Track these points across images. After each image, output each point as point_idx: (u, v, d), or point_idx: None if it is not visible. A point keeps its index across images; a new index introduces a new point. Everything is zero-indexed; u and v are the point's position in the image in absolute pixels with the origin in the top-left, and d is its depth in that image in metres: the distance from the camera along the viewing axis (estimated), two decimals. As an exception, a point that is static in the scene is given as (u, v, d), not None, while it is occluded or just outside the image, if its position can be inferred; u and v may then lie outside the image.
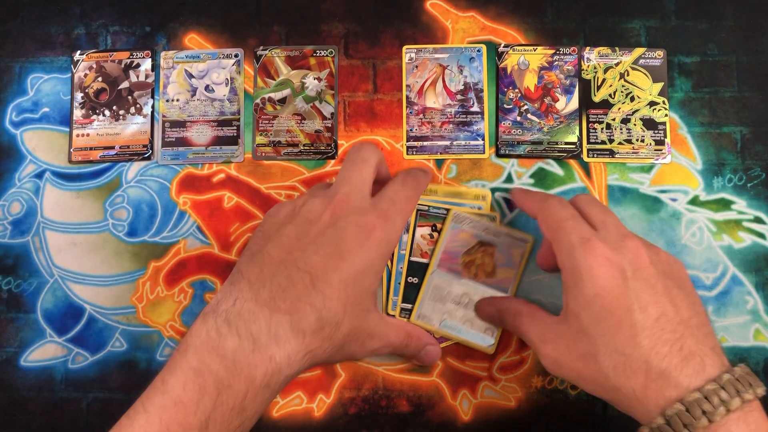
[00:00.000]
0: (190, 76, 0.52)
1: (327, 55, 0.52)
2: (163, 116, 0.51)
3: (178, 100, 0.51)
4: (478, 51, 0.51)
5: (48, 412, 0.48)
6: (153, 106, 0.52)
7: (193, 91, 0.52)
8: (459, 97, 0.51)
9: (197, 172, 0.51)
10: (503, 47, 0.51)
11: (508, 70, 0.51)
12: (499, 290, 0.46)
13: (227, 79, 0.52)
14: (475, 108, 0.51)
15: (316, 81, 0.52)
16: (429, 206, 0.45)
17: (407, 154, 0.50)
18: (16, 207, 0.50)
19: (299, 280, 0.33)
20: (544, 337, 0.38)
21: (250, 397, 0.31)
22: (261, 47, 0.52)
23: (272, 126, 0.51)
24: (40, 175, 0.51)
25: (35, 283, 0.49)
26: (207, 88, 0.52)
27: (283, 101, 0.51)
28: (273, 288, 0.33)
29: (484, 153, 0.50)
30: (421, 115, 0.51)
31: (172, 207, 0.50)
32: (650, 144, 0.50)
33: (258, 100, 0.51)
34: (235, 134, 0.51)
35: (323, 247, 0.35)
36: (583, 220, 0.38)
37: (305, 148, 0.51)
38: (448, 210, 0.45)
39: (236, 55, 0.52)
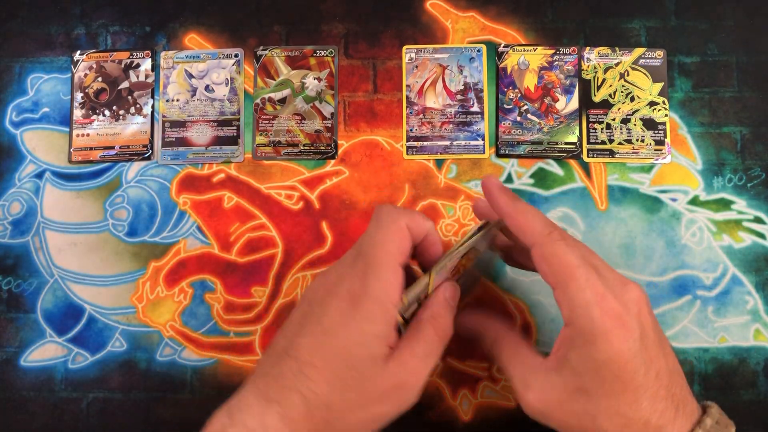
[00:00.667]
0: (190, 76, 0.52)
1: (327, 55, 0.52)
2: (163, 116, 0.51)
3: (178, 100, 0.51)
4: (478, 51, 0.51)
5: (48, 412, 0.48)
6: (153, 106, 0.51)
7: (193, 91, 0.52)
8: (459, 97, 0.51)
9: (197, 172, 0.51)
10: (503, 47, 0.51)
11: (508, 70, 0.51)
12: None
13: (227, 79, 0.52)
14: (475, 108, 0.51)
15: (316, 81, 0.52)
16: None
17: (407, 154, 0.50)
18: (16, 207, 0.50)
19: (288, 367, 0.34)
20: (527, 381, 0.35)
21: None
22: (261, 47, 0.52)
23: (272, 126, 0.51)
24: (40, 175, 0.51)
25: (35, 283, 0.49)
26: (207, 88, 0.52)
27: (283, 101, 0.51)
28: (268, 379, 0.34)
29: (484, 153, 0.50)
30: (421, 115, 0.51)
31: (172, 207, 0.50)
32: (650, 144, 0.50)
33: (258, 100, 0.51)
34: (235, 134, 0.51)
35: (311, 328, 0.34)
36: (591, 266, 0.34)
37: (305, 148, 0.51)
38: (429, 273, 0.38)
39: (236, 55, 0.52)
